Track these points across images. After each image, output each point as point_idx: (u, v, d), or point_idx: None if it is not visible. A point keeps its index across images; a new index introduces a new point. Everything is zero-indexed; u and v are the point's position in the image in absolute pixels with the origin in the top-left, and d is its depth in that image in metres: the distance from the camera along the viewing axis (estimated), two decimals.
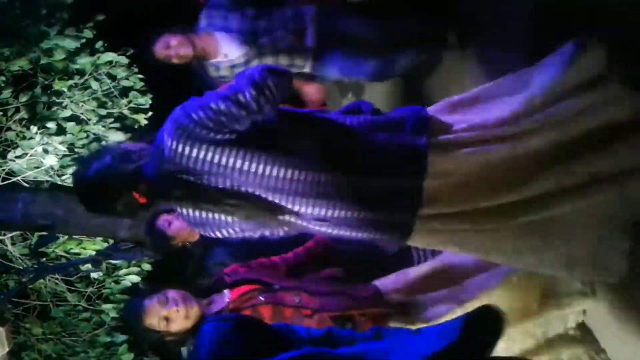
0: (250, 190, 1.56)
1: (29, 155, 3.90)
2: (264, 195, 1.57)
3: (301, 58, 2.93)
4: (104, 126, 4.18)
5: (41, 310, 4.59)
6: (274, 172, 1.55)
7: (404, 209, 1.58)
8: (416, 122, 1.63)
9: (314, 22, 2.91)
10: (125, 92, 4.29)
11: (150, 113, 4.32)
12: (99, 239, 4.18)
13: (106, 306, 4.48)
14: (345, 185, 1.57)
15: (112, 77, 4.22)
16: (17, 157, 3.93)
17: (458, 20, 3.03)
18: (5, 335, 3.10)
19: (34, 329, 4.52)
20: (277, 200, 1.58)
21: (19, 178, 3.97)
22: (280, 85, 1.57)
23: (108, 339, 4.58)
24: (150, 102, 4.32)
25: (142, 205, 1.65)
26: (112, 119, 4.22)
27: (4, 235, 4.31)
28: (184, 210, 1.64)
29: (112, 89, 4.23)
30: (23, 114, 3.95)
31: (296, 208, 1.59)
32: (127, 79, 4.24)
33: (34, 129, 3.88)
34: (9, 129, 3.97)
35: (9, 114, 3.96)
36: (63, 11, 4.00)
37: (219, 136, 1.52)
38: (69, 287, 4.46)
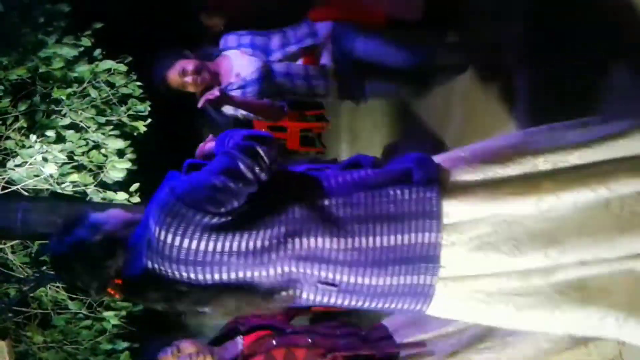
0: (247, 272, 1.40)
1: (28, 163, 3.90)
2: (263, 273, 1.41)
3: (318, 80, 2.85)
4: (103, 134, 4.18)
5: (42, 318, 4.58)
6: (273, 245, 1.40)
7: (421, 271, 1.44)
8: (424, 171, 1.49)
9: (327, 42, 2.83)
10: (124, 99, 4.29)
11: (149, 120, 4.32)
12: None
13: (107, 314, 4.47)
14: (355, 248, 1.43)
15: (111, 85, 4.22)
16: (16, 165, 3.93)
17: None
18: (7, 349, 3.09)
19: (35, 338, 4.51)
20: (276, 269, 1.42)
21: (18, 187, 3.97)
22: (270, 151, 1.45)
23: (110, 347, 4.58)
24: (149, 109, 4.32)
25: (116, 295, 1.48)
26: (112, 127, 4.22)
27: (5, 244, 4.30)
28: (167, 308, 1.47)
29: (111, 97, 4.23)
30: (22, 122, 3.95)
31: (300, 271, 1.44)
32: (125, 86, 4.25)
33: (33, 137, 3.88)
34: (8, 137, 3.97)
35: (8, 122, 3.96)
36: (61, 19, 4.00)
37: (214, 220, 1.35)
38: (70, 295, 4.45)
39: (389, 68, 2.84)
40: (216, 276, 1.39)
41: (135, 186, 4.17)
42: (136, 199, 4.16)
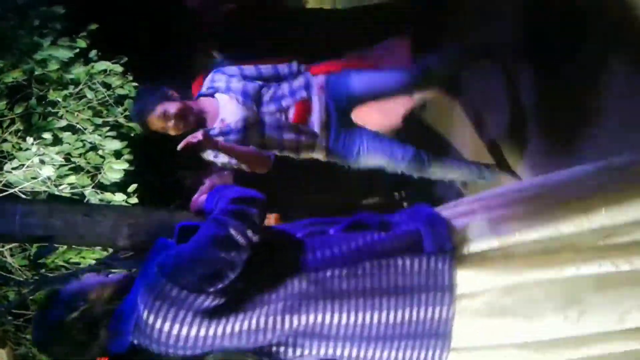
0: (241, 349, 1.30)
1: (25, 166, 3.90)
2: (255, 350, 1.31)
3: (307, 135, 2.70)
4: (100, 135, 4.18)
5: None
6: (269, 324, 1.29)
7: (430, 346, 1.34)
8: (435, 238, 1.36)
9: (320, 94, 2.75)
10: (120, 100, 4.29)
11: None
12: (98, 248, 4.18)
13: None
14: (359, 324, 1.31)
15: (107, 86, 4.22)
16: (13, 168, 3.93)
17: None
18: (7, 357, 3.09)
19: None
20: (274, 349, 1.32)
21: (16, 189, 3.97)
22: (261, 213, 1.35)
23: None
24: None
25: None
26: (108, 128, 4.22)
27: (3, 247, 4.30)
28: None
29: (107, 98, 4.23)
30: (18, 125, 3.95)
31: (299, 350, 1.33)
32: (121, 87, 4.24)
33: (30, 140, 3.88)
34: (5, 140, 3.97)
35: (5, 125, 3.96)
36: (56, 21, 3.99)
37: (207, 302, 1.25)
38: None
39: (384, 94, 2.80)
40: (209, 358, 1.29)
41: (133, 187, 4.17)
42: (134, 200, 4.16)
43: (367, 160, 2.75)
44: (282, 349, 1.32)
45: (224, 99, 2.68)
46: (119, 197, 4.12)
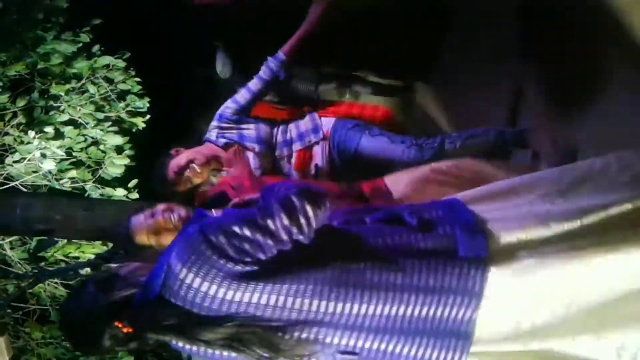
0: (263, 324, 1.30)
1: (27, 159, 3.91)
2: (278, 328, 1.31)
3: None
4: (101, 130, 4.18)
5: (41, 314, 4.59)
6: (297, 304, 1.30)
7: (451, 346, 1.34)
8: (470, 246, 1.36)
9: (325, 141, 2.71)
10: (122, 95, 4.29)
11: (148, 116, 4.32)
12: (97, 242, 4.18)
13: None
14: (384, 315, 1.32)
15: (109, 81, 4.22)
16: (15, 161, 3.93)
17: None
18: (5, 345, 3.10)
19: (34, 333, 4.52)
20: (295, 334, 1.32)
21: (17, 183, 3.97)
22: (319, 214, 1.32)
23: None
24: (148, 105, 4.32)
25: (129, 336, 1.37)
26: (110, 123, 4.22)
27: (3, 239, 4.31)
28: (176, 343, 1.38)
29: (110, 93, 4.23)
30: (20, 118, 3.95)
31: (320, 338, 1.33)
32: (124, 82, 4.24)
33: (31, 133, 3.88)
34: (7, 133, 3.97)
35: (7, 118, 3.96)
36: (59, 15, 4.00)
37: (238, 267, 1.27)
38: (69, 291, 4.46)
39: (389, 163, 2.65)
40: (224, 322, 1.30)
41: (133, 182, 4.17)
42: (134, 195, 4.17)
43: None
44: (302, 333, 1.32)
45: (235, 151, 2.65)
46: (119, 192, 4.13)
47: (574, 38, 2.30)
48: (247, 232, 1.28)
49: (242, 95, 2.72)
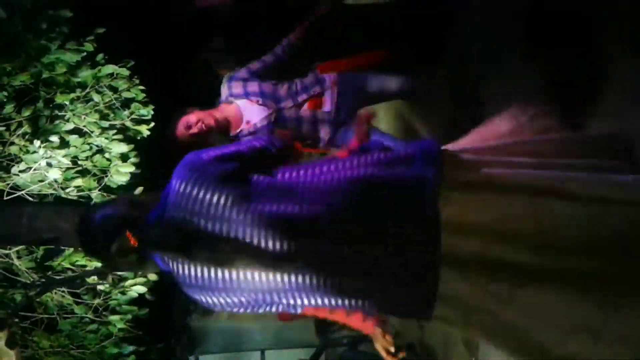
0: (253, 238, 1.48)
1: (32, 169, 3.91)
2: (267, 242, 1.49)
3: (323, 124, 2.96)
4: (106, 138, 4.18)
5: (48, 323, 4.59)
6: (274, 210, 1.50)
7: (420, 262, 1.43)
8: (427, 155, 1.55)
9: (333, 88, 2.97)
10: (127, 103, 4.29)
11: (152, 124, 4.32)
12: None
13: (113, 317, 4.48)
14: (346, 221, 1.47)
15: (114, 89, 4.22)
16: (21, 171, 3.93)
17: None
18: (16, 357, 3.11)
19: (42, 342, 4.52)
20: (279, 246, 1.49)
21: (23, 192, 3.98)
22: (285, 148, 1.72)
23: (116, 351, 4.58)
24: (152, 113, 4.32)
25: (133, 248, 1.62)
26: (115, 131, 4.21)
27: (10, 249, 4.31)
28: (178, 268, 1.57)
29: (114, 101, 4.23)
30: (26, 128, 3.96)
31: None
32: (128, 90, 4.24)
33: (37, 142, 3.89)
34: (13, 143, 3.98)
35: (12, 128, 3.97)
36: (64, 25, 4.01)
37: (229, 166, 1.57)
38: (76, 300, 4.46)
39: (395, 94, 3.03)
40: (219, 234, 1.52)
41: (139, 190, 4.17)
42: None
43: None
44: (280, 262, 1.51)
45: (244, 104, 2.92)
46: None
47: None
48: (230, 149, 1.64)
49: (255, 65, 3.04)
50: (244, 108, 2.97)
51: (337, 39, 3.22)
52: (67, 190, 4.06)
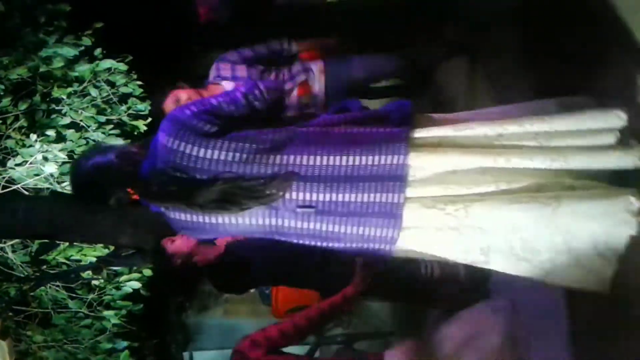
0: (235, 181, 1.60)
1: (28, 163, 3.91)
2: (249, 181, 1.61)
3: (309, 109, 2.99)
4: (103, 133, 4.18)
5: (42, 317, 4.59)
6: (257, 158, 1.61)
7: (389, 189, 1.61)
8: (401, 114, 1.69)
9: (320, 76, 3.00)
10: (124, 98, 4.29)
11: (149, 119, 4.32)
12: (99, 245, 4.18)
13: (107, 312, 4.48)
14: (330, 165, 1.61)
15: (111, 84, 4.22)
16: (16, 164, 3.93)
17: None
18: (8, 348, 3.10)
19: (36, 337, 4.51)
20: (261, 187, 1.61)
21: (19, 186, 3.97)
22: (271, 90, 1.76)
23: (109, 346, 4.58)
24: (149, 108, 4.32)
25: (133, 202, 1.71)
26: (112, 126, 4.21)
27: (4, 243, 4.31)
28: (176, 214, 1.67)
29: (111, 96, 4.23)
30: (22, 121, 3.95)
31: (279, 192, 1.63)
32: (126, 85, 4.24)
33: (33, 136, 3.88)
34: (9, 137, 3.97)
35: (9, 122, 3.96)
36: (61, 19, 4.00)
37: (211, 128, 1.62)
38: (70, 294, 4.46)
39: (382, 76, 3.06)
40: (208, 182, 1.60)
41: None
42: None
43: None
44: (267, 189, 1.61)
45: (231, 87, 2.87)
46: None
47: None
48: (213, 102, 1.68)
49: (246, 52, 3.05)
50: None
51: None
52: (63, 185, 4.05)
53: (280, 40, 3.10)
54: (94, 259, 4.11)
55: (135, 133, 4.32)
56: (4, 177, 3.96)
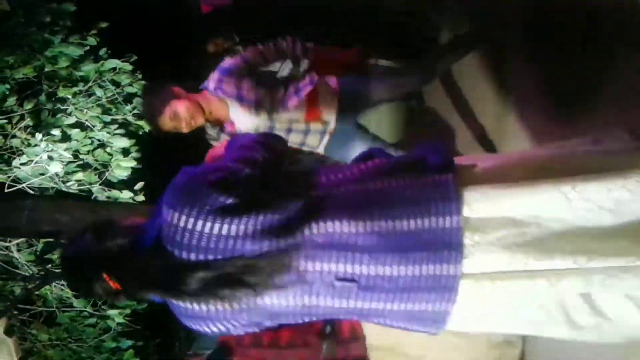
0: (252, 261, 1.31)
1: (34, 162, 3.92)
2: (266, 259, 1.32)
3: (314, 134, 2.79)
4: (108, 132, 4.19)
5: (47, 316, 4.61)
6: (283, 229, 1.32)
7: (444, 259, 1.34)
8: (438, 157, 1.43)
9: (334, 95, 2.79)
10: (129, 98, 4.30)
11: None
12: None
13: (112, 311, 4.49)
14: (374, 231, 1.34)
15: (116, 84, 4.24)
16: (22, 164, 3.94)
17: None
18: (14, 346, 3.11)
19: (40, 335, 4.54)
20: (287, 261, 1.33)
21: (24, 185, 3.99)
22: (278, 143, 1.58)
23: (114, 345, 4.60)
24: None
25: (117, 292, 1.36)
26: (117, 125, 4.23)
27: (10, 242, 4.32)
28: (171, 302, 1.39)
29: (116, 96, 4.24)
30: (28, 121, 3.97)
31: (317, 267, 1.34)
32: (131, 85, 4.26)
33: (38, 136, 3.90)
34: (14, 136, 3.98)
35: (14, 121, 3.97)
36: (67, 19, 4.01)
37: (228, 201, 1.31)
38: (75, 293, 4.48)
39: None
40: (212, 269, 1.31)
41: (139, 185, 4.18)
42: (140, 198, 4.18)
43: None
44: (300, 260, 1.33)
45: (235, 106, 2.69)
46: (125, 195, 4.14)
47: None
48: (227, 164, 1.39)
49: (254, 59, 2.78)
50: (234, 110, 2.71)
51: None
52: (68, 184, 4.07)
53: (290, 39, 2.82)
54: None
55: (140, 133, 4.33)
56: (9, 177, 3.98)
